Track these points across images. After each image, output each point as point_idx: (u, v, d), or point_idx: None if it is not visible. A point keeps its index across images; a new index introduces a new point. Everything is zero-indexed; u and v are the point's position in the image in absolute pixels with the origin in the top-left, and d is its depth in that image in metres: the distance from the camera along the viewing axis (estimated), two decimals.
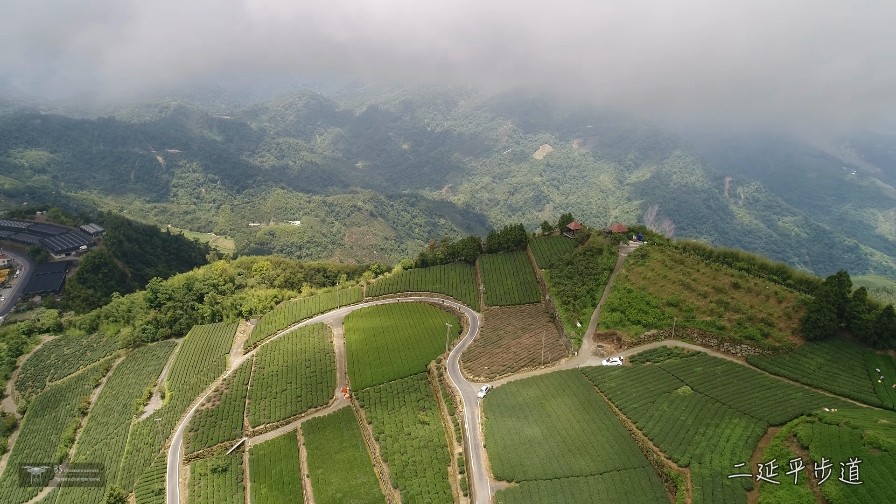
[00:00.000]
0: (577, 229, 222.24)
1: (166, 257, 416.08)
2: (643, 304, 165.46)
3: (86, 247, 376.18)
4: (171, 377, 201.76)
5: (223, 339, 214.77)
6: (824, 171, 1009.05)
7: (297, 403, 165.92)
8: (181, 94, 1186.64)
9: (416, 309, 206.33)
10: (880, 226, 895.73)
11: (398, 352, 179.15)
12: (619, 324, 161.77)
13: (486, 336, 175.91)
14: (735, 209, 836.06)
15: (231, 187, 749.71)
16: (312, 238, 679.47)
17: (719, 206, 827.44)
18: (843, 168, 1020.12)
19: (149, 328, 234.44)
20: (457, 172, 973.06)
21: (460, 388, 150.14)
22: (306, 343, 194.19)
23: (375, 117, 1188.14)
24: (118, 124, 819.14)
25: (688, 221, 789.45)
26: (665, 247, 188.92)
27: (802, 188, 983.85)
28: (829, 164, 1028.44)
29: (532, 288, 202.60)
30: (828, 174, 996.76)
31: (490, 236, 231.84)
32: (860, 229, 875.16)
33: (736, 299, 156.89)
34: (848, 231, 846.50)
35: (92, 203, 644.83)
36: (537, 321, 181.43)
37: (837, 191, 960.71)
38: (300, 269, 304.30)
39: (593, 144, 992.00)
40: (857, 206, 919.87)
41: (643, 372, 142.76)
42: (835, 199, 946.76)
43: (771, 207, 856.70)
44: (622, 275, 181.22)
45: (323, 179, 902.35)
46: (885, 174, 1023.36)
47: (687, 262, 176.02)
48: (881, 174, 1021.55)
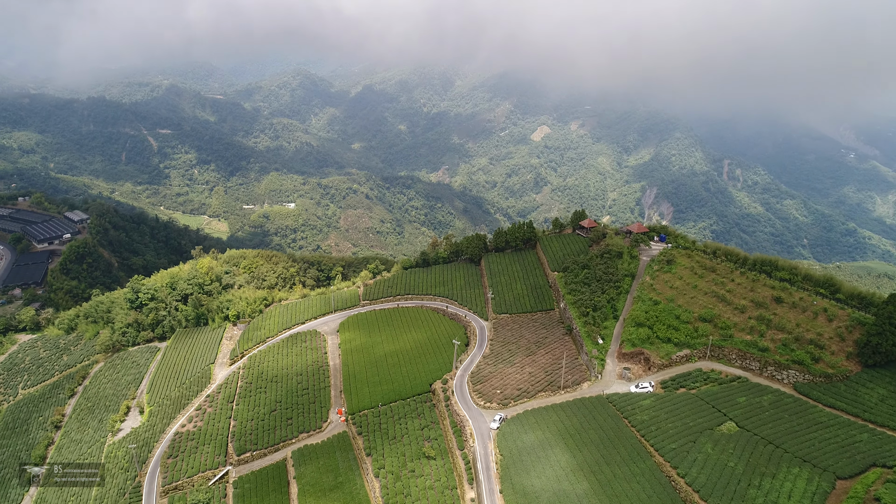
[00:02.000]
0: (592, 227, 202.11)
1: (155, 245, 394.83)
2: (672, 319, 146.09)
3: (70, 235, 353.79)
4: (150, 389, 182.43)
5: (208, 346, 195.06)
6: (823, 153, 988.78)
7: (287, 427, 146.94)
8: (173, 73, 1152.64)
9: (417, 316, 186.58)
10: (878, 209, 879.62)
11: (399, 367, 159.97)
12: (647, 341, 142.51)
13: (497, 351, 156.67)
14: (734, 192, 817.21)
15: (224, 169, 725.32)
16: (307, 221, 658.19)
17: (718, 188, 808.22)
18: (842, 150, 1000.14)
19: (129, 331, 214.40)
20: (454, 154, 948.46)
21: (470, 416, 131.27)
22: (298, 355, 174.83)
23: (371, 97, 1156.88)
24: (108, 104, 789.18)
25: (686, 205, 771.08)
26: (693, 251, 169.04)
27: (801, 171, 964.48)
28: (828, 147, 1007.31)
29: (544, 293, 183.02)
30: (826, 157, 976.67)
31: (497, 234, 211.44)
32: (858, 212, 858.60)
33: (779, 316, 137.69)
34: (847, 214, 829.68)
35: (82, 185, 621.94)
36: (552, 333, 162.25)
37: (836, 173, 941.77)
38: (293, 263, 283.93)
39: (591, 126, 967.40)
40: (855, 190, 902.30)
41: (679, 402, 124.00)
42: (833, 181, 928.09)
43: (769, 190, 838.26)
44: (646, 283, 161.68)
45: (318, 161, 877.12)
46: (883, 156, 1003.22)
47: (719, 269, 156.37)
48: (880, 157, 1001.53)
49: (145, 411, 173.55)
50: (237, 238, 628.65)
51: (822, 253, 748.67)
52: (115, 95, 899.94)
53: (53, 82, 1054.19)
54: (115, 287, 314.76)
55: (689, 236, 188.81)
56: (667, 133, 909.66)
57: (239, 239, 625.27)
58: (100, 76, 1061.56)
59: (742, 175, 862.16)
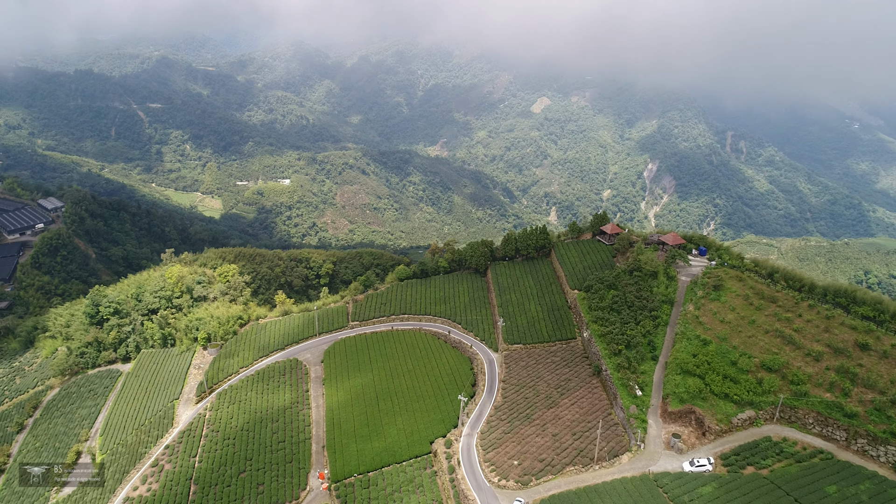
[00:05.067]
0: (616, 234, 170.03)
1: (136, 234, 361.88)
2: (728, 366, 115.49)
3: (43, 225, 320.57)
4: (105, 430, 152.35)
5: (173, 376, 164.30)
6: (826, 123, 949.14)
7: (257, 498, 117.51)
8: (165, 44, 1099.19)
9: (415, 343, 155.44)
10: (882, 181, 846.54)
11: (393, 416, 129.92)
12: (699, 396, 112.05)
13: (511, 399, 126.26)
14: (737, 165, 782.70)
15: (217, 144, 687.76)
16: (303, 197, 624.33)
17: (721, 161, 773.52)
18: (846, 121, 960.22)
19: (88, 351, 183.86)
20: (452, 126, 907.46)
21: (482, 500, 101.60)
22: (275, 392, 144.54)
23: (367, 69, 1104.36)
24: (96, 77, 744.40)
25: (689, 178, 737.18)
26: (743, 270, 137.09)
27: (804, 142, 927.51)
28: (832, 117, 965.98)
29: (563, 317, 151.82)
30: (830, 127, 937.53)
31: (505, 240, 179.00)
32: (862, 184, 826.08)
33: (867, 368, 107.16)
34: (850, 186, 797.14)
35: (71, 163, 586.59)
36: (577, 374, 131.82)
37: (840, 144, 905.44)
38: (278, 262, 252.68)
39: (592, 97, 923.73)
40: (859, 161, 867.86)
41: (750, 490, 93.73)
42: (837, 153, 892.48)
43: (773, 163, 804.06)
44: (690, 313, 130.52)
45: (313, 135, 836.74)
46: (888, 126, 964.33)
47: (781, 300, 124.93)
48: (884, 127, 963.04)
49: (97, 458, 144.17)
50: (231, 216, 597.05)
51: (827, 227, 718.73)
52: (105, 68, 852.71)
53: (42, 54, 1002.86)
54: (92, 281, 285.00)
55: (733, 249, 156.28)
56: (669, 104, 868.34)
57: (232, 217, 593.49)
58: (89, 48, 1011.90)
59: (746, 147, 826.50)
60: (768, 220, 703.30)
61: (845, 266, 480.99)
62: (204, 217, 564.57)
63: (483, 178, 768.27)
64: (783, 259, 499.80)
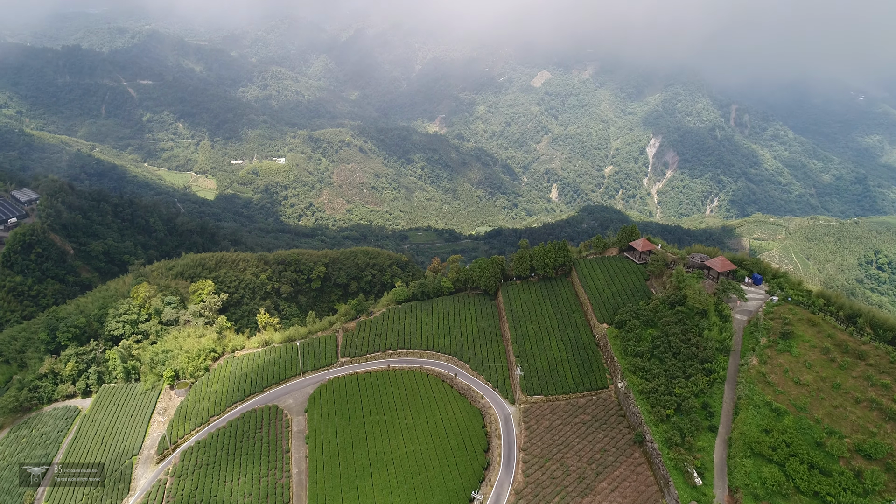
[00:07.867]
0: (648, 251, 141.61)
1: (119, 226, 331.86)
2: (813, 449, 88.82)
3: (15, 219, 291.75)
4: (50, 496, 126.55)
5: (134, 422, 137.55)
6: (830, 95, 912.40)
7: None
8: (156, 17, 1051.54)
9: (415, 389, 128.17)
10: (886, 155, 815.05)
11: (389, 494, 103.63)
12: (779, 493, 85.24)
13: (535, 479, 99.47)
14: (742, 140, 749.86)
15: (211, 122, 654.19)
16: (299, 177, 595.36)
17: (725, 136, 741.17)
18: (851, 93, 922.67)
19: (44, 384, 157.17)
20: (451, 101, 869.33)
21: None
22: (249, 454, 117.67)
23: (363, 42, 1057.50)
24: (85, 53, 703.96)
25: (693, 154, 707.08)
26: (815, 311, 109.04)
27: (808, 114, 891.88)
28: (836, 89, 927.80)
29: (590, 356, 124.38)
30: (834, 99, 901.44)
31: (519, 259, 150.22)
32: (867, 158, 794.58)
33: None
34: (854, 160, 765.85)
35: (60, 143, 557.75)
36: (613, 439, 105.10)
37: (844, 117, 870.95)
38: (265, 267, 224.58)
39: (594, 71, 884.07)
40: (865, 134, 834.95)
41: None
42: (842, 126, 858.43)
43: (778, 137, 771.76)
44: (754, 369, 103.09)
45: (309, 111, 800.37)
46: (893, 98, 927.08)
47: (872, 356, 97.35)
48: (889, 99, 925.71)
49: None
50: (225, 196, 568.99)
51: (832, 202, 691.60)
52: (94, 43, 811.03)
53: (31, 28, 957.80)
54: (70, 280, 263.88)
55: (793, 277, 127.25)
56: (673, 77, 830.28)
57: (227, 197, 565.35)
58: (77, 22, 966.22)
59: (750, 122, 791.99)
60: (774, 197, 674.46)
61: (855, 246, 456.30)
62: (198, 199, 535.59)
63: (483, 155, 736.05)
64: (791, 239, 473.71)
